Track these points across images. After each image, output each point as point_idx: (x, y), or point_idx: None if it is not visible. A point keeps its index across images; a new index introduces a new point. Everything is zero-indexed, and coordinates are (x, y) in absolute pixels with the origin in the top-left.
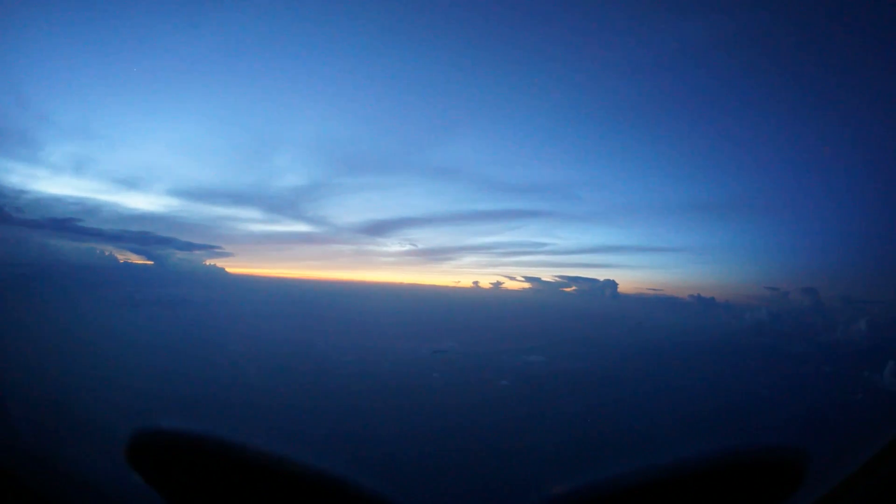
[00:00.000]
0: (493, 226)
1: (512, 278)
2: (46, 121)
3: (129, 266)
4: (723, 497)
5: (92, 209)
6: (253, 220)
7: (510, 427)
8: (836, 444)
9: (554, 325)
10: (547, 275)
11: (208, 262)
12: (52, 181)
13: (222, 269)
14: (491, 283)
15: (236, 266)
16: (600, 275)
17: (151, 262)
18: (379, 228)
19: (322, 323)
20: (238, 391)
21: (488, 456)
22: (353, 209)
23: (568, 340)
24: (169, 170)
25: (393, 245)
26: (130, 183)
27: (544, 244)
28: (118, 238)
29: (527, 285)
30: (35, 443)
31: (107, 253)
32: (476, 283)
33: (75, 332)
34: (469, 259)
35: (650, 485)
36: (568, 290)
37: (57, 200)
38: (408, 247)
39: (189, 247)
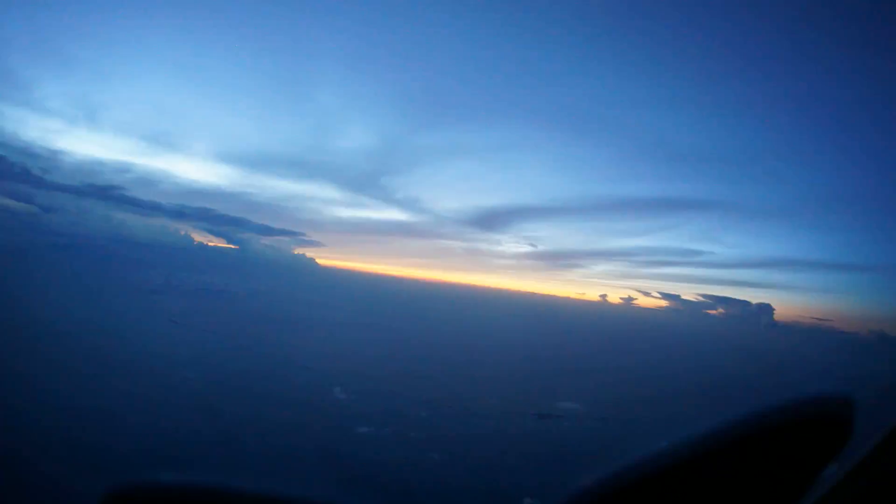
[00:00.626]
0: (637, 223)
1: (646, 294)
2: (35, 49)
3: (204, 248)
4: (771, 459)
5: (140, 177)
6: (333, 202)
7: None
8: None
9: (711, 366)
10: (688, 292)
11: (297, 250)
12: (69, 136)
13: (312, 260)
14: (621, 298)
15: (327, 257)
16: (753, 296)
17: (236, 247)
18: (490, 220)
19: (415, 339)
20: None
21: None
22: (449, 189)
23: (736, 396)
24: (206, 127)
25: (509, 243)
26: (165, 142)
27: (699, 252)
28: (180, 214)
29: (663, 303)
30: None
31: (182, 232)
32: (604, 296)
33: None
34: (600, 268)
35: (683, 464)
36: (713, 312)
37: (99, 164)
38: (527, 247)
39: (267, 231)
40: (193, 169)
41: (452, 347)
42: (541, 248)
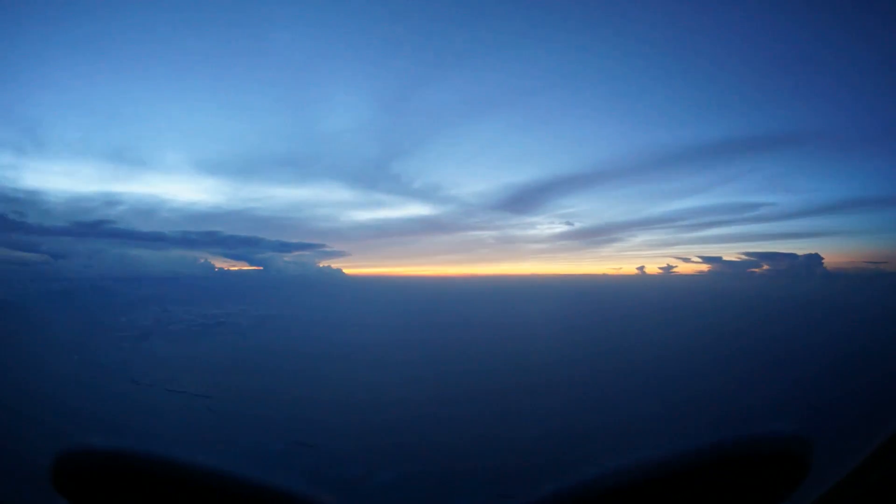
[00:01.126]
0: (692, 180)
1: (686, 260)
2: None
3: (226, 274)
4: (725, 491)
5: (132, 207)
6: (347, 205)
7: None
8: None
9: (756, 327)
10: (730, 253)
11: (321, 263)
12: (24, 169)
13: (339, 272)
14: (660, 268)
15: (353, 266)
16: (800, 248)
17: (260, 268)
18: (522, 200)
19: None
20: None
21: None
22: (472, 166)
23: (784, 357)
24: (182, 136)
25: (543, 226)
26: (138, 161)
27: (757, 206)
28: (188, 241)
29: (704, 267)
30: None
31: (201, 260)
32: (641, 268)
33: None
34: (639, 239)
35: (645, 482)
36: (757, 270)
37: (82, 199)
38: (562, 227)
39: (285, 247)
40: (184, 189)
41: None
42: (577, 225)
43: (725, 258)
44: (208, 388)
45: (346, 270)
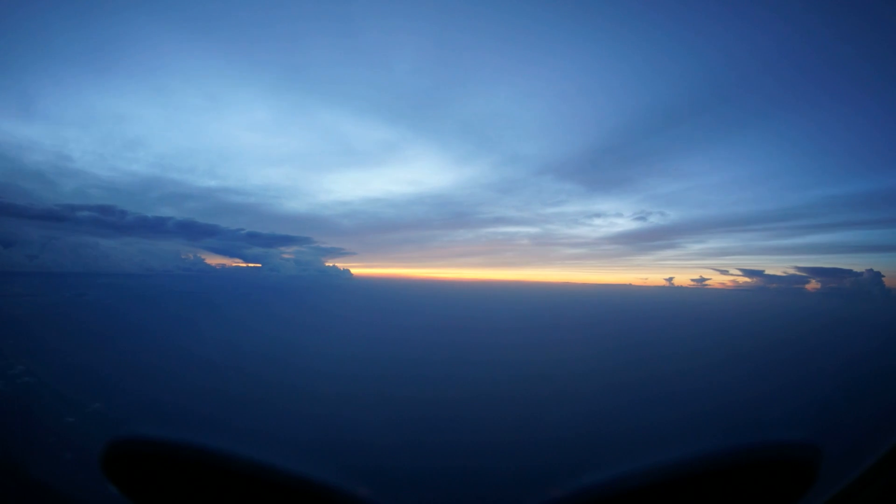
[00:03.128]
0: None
1: (724, 272)
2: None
3: (210, 270)
4: (732, 498)
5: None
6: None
7: None
8: None
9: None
10: (775, 266)
11: (329, 262)
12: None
13: (347, 272)
14: (692, 280)
15: (361, 266)
16: (845, 263)
17: (259, 265)
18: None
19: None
20: None
21: None
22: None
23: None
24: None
25: (608, 217)
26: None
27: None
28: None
29: (743, 280)
30: (2, 451)
31: (186, 256)
32: (670, 279)
33: None
34: (701, 246)
35: (655, 486)
36: (808, 287)
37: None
38: (625, 222)
39: (282, 241)
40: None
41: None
42: (621, 228)
43: (768, 272)
44: None
45: (353, 271)
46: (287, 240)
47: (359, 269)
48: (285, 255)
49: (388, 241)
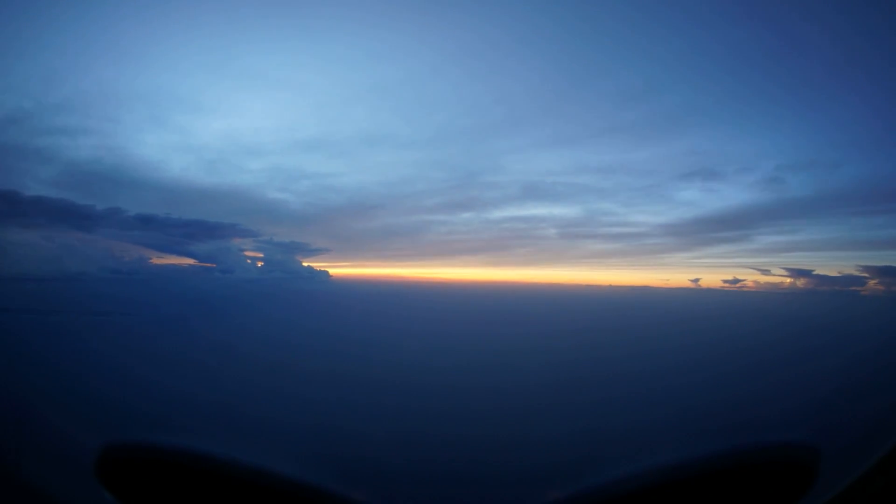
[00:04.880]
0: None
1: (765, 271)
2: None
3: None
4: (731, 498)
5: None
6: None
7: None
8: None
9: None
10: (824, 265)
11: (305, 262)
12: None
13: (325, 273)
14: (724, 281)
15: (337, 265)
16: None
17: (212, 265)
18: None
19: None
20: None
21: None
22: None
23: None
24: None
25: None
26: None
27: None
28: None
29: (787, 281)
30: None
31: (127, 254)
32: (696, 280)
33: None
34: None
35: (654, 487)
36: (862, 290)
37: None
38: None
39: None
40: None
41: None
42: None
43: (817, 272)
44: None
45: (332, 271)
46: (230, 229)
47: (340, 269)
48: (248, 252)
49: (374, 231)
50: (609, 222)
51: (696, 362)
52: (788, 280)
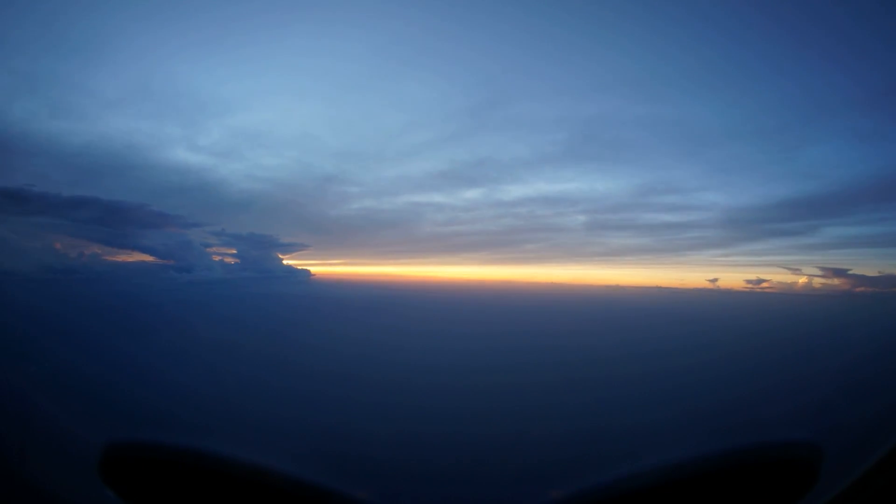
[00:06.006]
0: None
1: (795, 270)
2: None
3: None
4: (734, 497)
5: None
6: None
7: None
8: None
9: None
10: (864, 264)
11: (286, 260)
12: None
13: (306, 272)
14: (747, 282)
15: (316, 262)
16: None
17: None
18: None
19: None
20: None
21: None
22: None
23: None
24: None
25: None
26: None
27: None
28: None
29: (820, 282)
30: None
31: (72, 254)
32: (714, 280)
33: None
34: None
35: (657, 486)
36: None
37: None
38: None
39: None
40: None
41: None
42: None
43: (853, 272)
44: None
45: (313, 270)
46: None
47: (322, 268)
48: (215, 248)
49: (354, 219)
50: (664, 205)
51: (705, 364)
52: (819, 280)
